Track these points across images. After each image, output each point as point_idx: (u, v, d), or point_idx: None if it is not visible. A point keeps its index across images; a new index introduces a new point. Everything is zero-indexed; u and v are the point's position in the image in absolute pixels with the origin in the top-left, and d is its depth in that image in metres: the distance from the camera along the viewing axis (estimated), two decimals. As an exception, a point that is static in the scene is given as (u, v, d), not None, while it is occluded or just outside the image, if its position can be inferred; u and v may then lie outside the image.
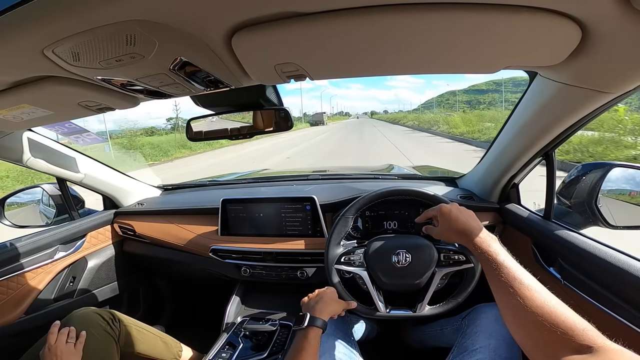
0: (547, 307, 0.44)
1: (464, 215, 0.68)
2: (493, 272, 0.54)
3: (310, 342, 0.65)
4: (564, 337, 0.41)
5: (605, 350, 0.37)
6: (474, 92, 37.51)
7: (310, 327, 0.68)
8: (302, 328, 0.68)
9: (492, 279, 0.54)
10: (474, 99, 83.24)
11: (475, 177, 1.12)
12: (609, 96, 0.55)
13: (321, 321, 0.70)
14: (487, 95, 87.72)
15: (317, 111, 64.71)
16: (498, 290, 0.52)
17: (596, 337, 0.39)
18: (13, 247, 1.02)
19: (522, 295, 0.47)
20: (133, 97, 0.60)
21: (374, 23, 0.39)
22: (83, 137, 2.14)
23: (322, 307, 0.73)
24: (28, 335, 0.95)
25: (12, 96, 0.55)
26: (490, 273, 0.55)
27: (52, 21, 0.34)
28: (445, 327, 0.96)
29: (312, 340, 0.66)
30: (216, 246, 1.15)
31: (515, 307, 0.47)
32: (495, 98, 65.28)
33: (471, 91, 39.40)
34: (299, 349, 0.64)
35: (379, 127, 27.47)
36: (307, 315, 0.70)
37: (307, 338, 0.66)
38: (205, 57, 0.46)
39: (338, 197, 1.10)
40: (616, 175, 0.77)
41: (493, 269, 0.54)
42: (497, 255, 0.56)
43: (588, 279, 0.68)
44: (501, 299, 0.51)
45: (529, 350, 0.45)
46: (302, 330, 0.68)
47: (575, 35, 0.41)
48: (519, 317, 0.47)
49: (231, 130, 0.86)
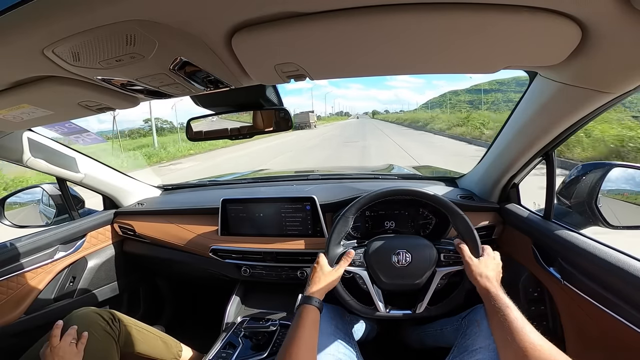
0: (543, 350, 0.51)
1: (495, 264, 0.75)
2: (500, 322, 0.59)
3: (304, 319, 0.65)
4: None
5: None
6: (476, 92, 37.39)
7: (302, 305, 0.69)
8: (297, 305, 0.70)
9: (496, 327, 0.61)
10: (477, 99, 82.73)
11: (475, 177, 1.12)
12: (609, 96, 0.55)
13: (314, 299, 0.70)
14: (490, 95, 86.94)
15: (301, 110, 46.20)
16: (496, 327, 0.60)
17: None
18: (13, 247, 1.02)
19: (524, 343, 0.53)
20: (133, 97, 0.60)
21: (374, 23, 0.39)
22: (83, 137, 2.14)
23: (312, 286, 0.74)
24: (28, 335, 0.95)
25: (12, 96, 0.55)
26: (496, 322, 0.61)
27: (52, 21, 0.34)
28: (445, 327, 0.96)
29: (305, 318, 0.66)
30: (216, 246, 1.15)
31: (515, 352, 0.53)
32: (499, 98, 64.43)
33: (474, 91, 39.29)
34: (293, 326, 0.65)
35: (395, 136, 15.68)
36: (299, 296, 0.72)
37: (300, 315, 0.66)
38: (205, 57, 0.46)
39: (338, 197, 1.10)
40: (616, 175, 0.77)
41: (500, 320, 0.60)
42: (508, 308, 0.61)
43: (588, 278, 0.68)
44: (503, 344, 0.58)
45: None
46: (297, 310, 0.69)
47: (575, 35, 0.41)
48: (509, 348, 0.54)
49: (231, 130, 0.86)
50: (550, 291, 0.84)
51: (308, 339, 0.63)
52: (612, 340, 0.64)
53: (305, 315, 0.67)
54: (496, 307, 0.62)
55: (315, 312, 0.69)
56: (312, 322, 0.66)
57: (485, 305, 0.67)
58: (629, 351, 0.59)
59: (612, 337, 0.64)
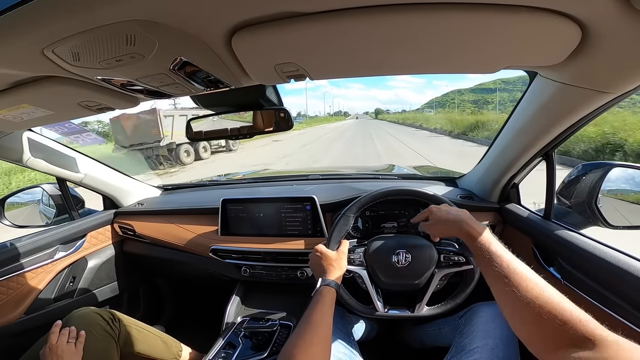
0: (543, 298, 0.44)
1: (454, 209, 0.71)
2: (487, 262, 0.53)
3: (325, 297, 0.67)
4: (562, 328, 0.40)
5: (603, 345, 0.37)
6: (481, 91, 36.61)
7: (323, 287, 0.71)
8: (317, 289, 0.71)
9: (486, 269, 0.53)
10: (482, 98, 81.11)
11: (475, 177, 1.12)
12: (609, 96, 0.55)
13: (333, 282, 0.72)
14: (495, 94, 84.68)
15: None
16: (493, 281, 0.51)
17: (594, 329, 0.39)
18: (13, 247, 1.02)
19: (517, 285, 0.46)
20: (133, 97, 0.60)
21: (374, 23, 0.39)
22: (83, 137, 2.14)
23: (329, 273, 0.75)
24: (28, 335, 0.94)
25: (12, 96, 0.55)
26: (484, 264, 0.54)
27: (52, 21, 0.34)
28: (443, 326, 0.96)
29: (326, 296, 0.68)
30: (216, 246, 1.15)
31: (511, 298, 0.47)
32: (505, 97, 62.89)
33: (478, 90, 38.50)
34: (314, 302, 0.66)
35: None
36: (320, 279, 0.73)
37: (321, 294, 0.68)
38: (205, 57, 0.46)
39: (338, 197, 1.10)
40: (616, 175, 0.77)
41: (487, 259, 0.53)
42: (490, 244, 0.55)
43: (588, 278, 0.68)
44: (497, 290, 0.50)
45: (528, 342, 0.45)
46: (317, 290, 0.70)
47: (575, 35, 0.41)
48: (515, 308, 0.47)
49: (231, 130, 0.86)
50: None
51: (327, 317, 0.64)
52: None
53: (326, 294, 0.68)
54: (482, 249, 0.55)
55: (332, 292, 0.70)
56: (331, 301, 0.68)
57: (472, 251, 0.60)
58: None
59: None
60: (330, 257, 0.78)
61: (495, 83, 39.64)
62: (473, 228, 0.60)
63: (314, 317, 0.62)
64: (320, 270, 0.77)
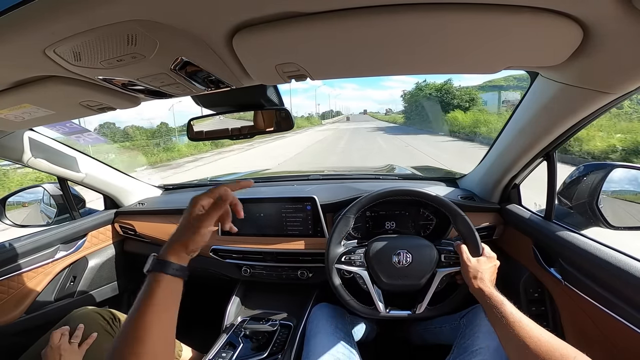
0: (542, 341, 0.52)
1: (474, 261, 0.76)
2: (498, 319, 0.61)
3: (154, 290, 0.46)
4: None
5: None
6: (490, 89, 35.86)
7: (151, 273, 0.48)
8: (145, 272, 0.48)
9: (496, 324, 0.62)
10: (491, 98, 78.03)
11: (476, 178, 1.12)
12: (610, 96, 0.55)
13: (169, 264, 0.48)
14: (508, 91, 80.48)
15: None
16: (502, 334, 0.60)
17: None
18: (13, 247, 1.02)
19: (523, 336, 0.54)
20: (134, 96, 0.61)
21: (375, 23, 0.39)
22: (84, 136, 2.14)
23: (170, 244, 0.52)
24: (28, 335, 0.94)
25: (14, 96, 0.55)
26: (494, 319, 0.62)
27: (53, 21, 0.34)
28: (444, 324, 0.97)
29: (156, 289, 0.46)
30: (216, 246, 1.15)
31: (517, 345, 0.54)
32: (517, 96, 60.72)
33: (487, 87, 37.81)
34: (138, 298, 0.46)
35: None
36: (150, 258, 0.49)
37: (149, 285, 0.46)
38: (206, 57, 0.46)
39: (339, 197, 1.10)
40: (618, 176, 0.77)
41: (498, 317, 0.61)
42: (502, 304, 0.62)
43: (588, 279, 0.68)
44: (504, 340, 0.59)
45: None
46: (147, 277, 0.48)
47: (576, 36, 0.40)
48: (520, 353, 0.54)
49: (232, 130, 0.86)
50: (551, 292, 0.84)
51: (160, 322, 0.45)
52: (613, 341, 0.63)
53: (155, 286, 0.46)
54: (491, 305, 0.64)
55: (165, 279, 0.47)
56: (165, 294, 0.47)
57: (482, 305, 0.68)
58: (629, 352, 0.59)
59: (612, 338, 0.64)
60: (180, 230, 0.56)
61: (507, 80, 38.82)
62: (487, 286, 0.68)
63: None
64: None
